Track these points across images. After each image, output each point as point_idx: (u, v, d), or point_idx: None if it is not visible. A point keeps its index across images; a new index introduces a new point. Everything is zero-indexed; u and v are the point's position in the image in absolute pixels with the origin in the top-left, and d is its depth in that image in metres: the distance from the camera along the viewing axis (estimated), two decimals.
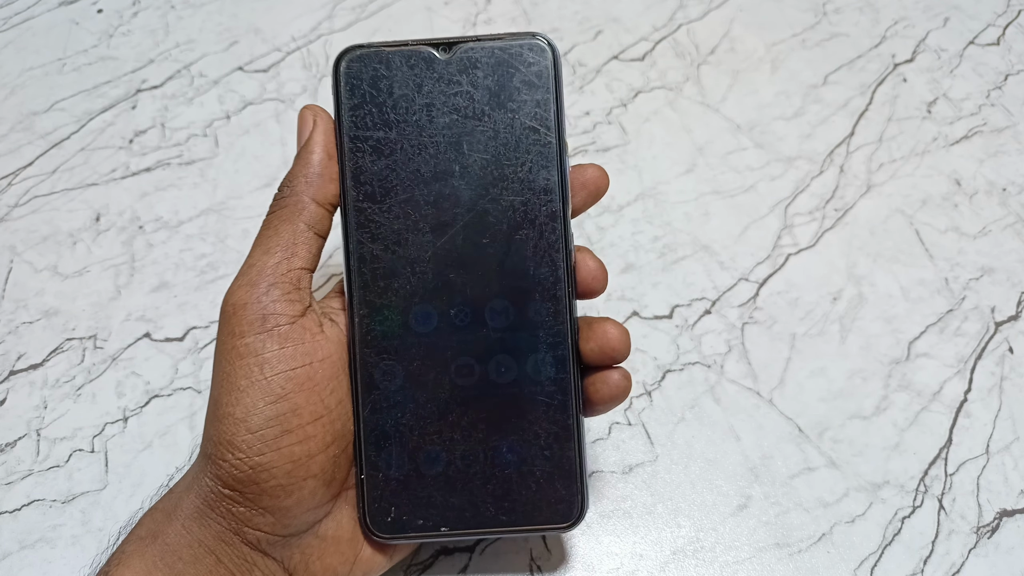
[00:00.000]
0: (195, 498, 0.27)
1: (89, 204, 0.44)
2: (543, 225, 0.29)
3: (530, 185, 0.29)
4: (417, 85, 0.29)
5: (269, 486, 0.26)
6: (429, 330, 0.29)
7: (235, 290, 0.27)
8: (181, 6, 0.52)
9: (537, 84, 0.29)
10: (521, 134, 0.29)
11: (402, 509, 0.29)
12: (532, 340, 0.29)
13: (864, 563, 0.34)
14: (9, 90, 0.48)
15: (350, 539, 0.29)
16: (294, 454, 0.26)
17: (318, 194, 0.28)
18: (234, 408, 0.26)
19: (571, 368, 0.29)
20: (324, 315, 0.29)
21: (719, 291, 0.41)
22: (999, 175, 0.46)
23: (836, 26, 0.52)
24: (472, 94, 0.29)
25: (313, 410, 0.27)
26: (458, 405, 0.29)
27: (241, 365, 0.26)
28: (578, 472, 0.29)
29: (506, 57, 0.29)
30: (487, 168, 0.29)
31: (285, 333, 0.27)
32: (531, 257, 0.29)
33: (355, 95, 0.29)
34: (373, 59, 0.29)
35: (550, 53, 0.29)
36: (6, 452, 0.37)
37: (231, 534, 0.26)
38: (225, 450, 0.26)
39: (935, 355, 0.40)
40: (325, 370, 0.28)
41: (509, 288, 0.29)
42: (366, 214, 0.29)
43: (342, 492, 0.29)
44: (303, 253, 0.28)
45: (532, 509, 0.29)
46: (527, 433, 0.29)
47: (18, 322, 0.40)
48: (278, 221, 0.28)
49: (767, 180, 0.45)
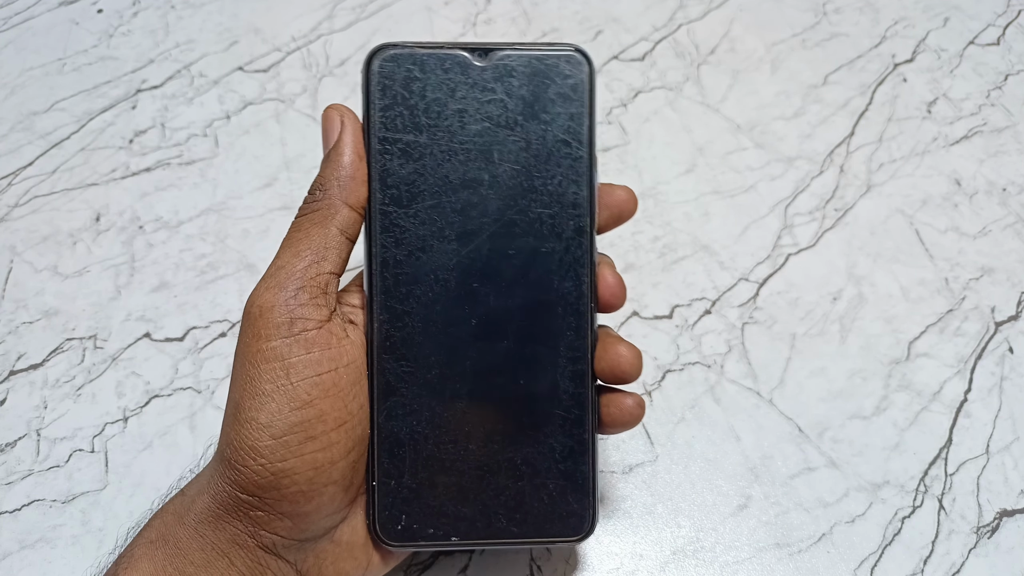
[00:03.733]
0: (210, 500, 0.26)
1: (89, 204, 0.44)
2: (569, 240, 0.28)
3: (559, 199, 0.28)
4: (451, 90, 0.28)
5: (290, 492, 0.26)
6: (449, 339, 0.28)
7: (262, 292, 0.27)
8: (181, 6, 0.52)
9: (572, 97, 0.28)
10: (553, 147, 0.28)
11: (413, 518, 0.29)
12: (552, 354, 0.28)
13: (864, 563, 0.34)
14: (9, 90, 0.48)
15: (364, 544, 0.29)
16: (317, 461, 0.26)
17: (351, 198, 0.28)
18: (258, 413, 0.26)
19: (589, 383, 0.29)
20: (345, 318, 0.28)
21: (719, 291, 0.41)
22: (999, 175, 0.46)
23: (836, 26, 0.52)
24: (506, 103, 0.28)
25: (337, 416, 0.27)
26: (474, 415, 0.29)
27: (267, 369, 0.26)
28: (591, 486, 0.29)
29: (543, 68, 0.28)
30: (517, 179, 0.28)
31: (312, 338, 0.26)
32: (556, 271, 0.28)
33: (386, 96, 0.28)
34: (407, 60, 0.28)
35: (587, 67, 0.28)
36: (6, 452, 0.37)
37: (246, 537, 0.26)
38: (247, 455, 0.26)
39: (935, 355, 0.40)
40: (350, 375, 0.27)
41: (532, 300, 0.28)
42: (391, 218, 0.28)
43: (359, 497, 0.29)
44: (333, 257, 0.28)
45: (543, 521, 0.29)
46: (542, 446, 0.29)
47: (18, 322, 0.40)
48: (309, 224, 0.28)
49: (767, 180, 0.45)
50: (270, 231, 0.43)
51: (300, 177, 0.45)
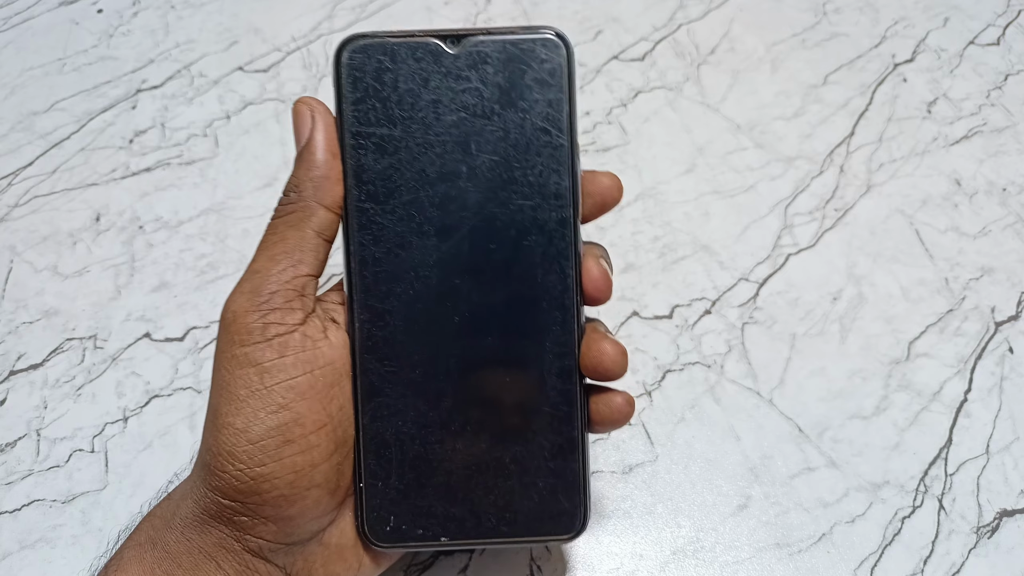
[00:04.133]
0: (194, 505, 0.26)
1: (89, 204, 0.44)
2: (552, 231, 0.28)
3: (540, 189, 0.27)
4: (423, 80, 0.27)
5: (271, 496, 0.26)
6: (432, 337, 0.28)
7: (236, 297, 0.27)
8: (181, 6, 0.52)
9: (550, 83, 0.27)
10: (532, 135, 0.27)
11: (401, 518, 0.28)
12: (538, 349, 0.28)
13: (864, 563, 0.34)
14: (9, 90, 0.48)
15: (354, 546, 0.29)
16: (296, 464, 0.26)
17: (326, 198, 0.27)
18: (234, 418, 0.26)
19: (576, 380, 0.28)
20: (327, 317, 0.28)
21: (719, 291, 0.41)
22: (999, 175, 0.46)
23: (836, 26, 0.52)
24: (481, 91, 0.27)
25: (316, 419, 0.27)
26: (461, 414, 0.28)
27: (241, 375, 0.26)
28: (581, 483, 0.28)
29: (518, 52, 0.27)
30: (496, 170, 0.27)
31: (285, 341, 0.26)
32: (539, 264, 0.28)
33: (358, 88, 0.27)
34: (377, 50, 0.27)
35: (564, 50, 0.27)
36: (6, 452, 0.37)
37: (232, 541, 0.26)
38: (225, 461, 0.25)
39: (935, 355, 0.40)
40: (327, 377, 0.27)
41: (516, 295, 0.28)
42: (368, 215, 0.28)
43: (347, 499, 0.29)
44: (309, 260, 0.27)
45: (534, 520, 0.28)
46: (531, 444, 0.28)
47: (18, 322, 0.40)
48: (284, 227, 0.27)
49: (767, 180, 0.45)
50: None
51: None
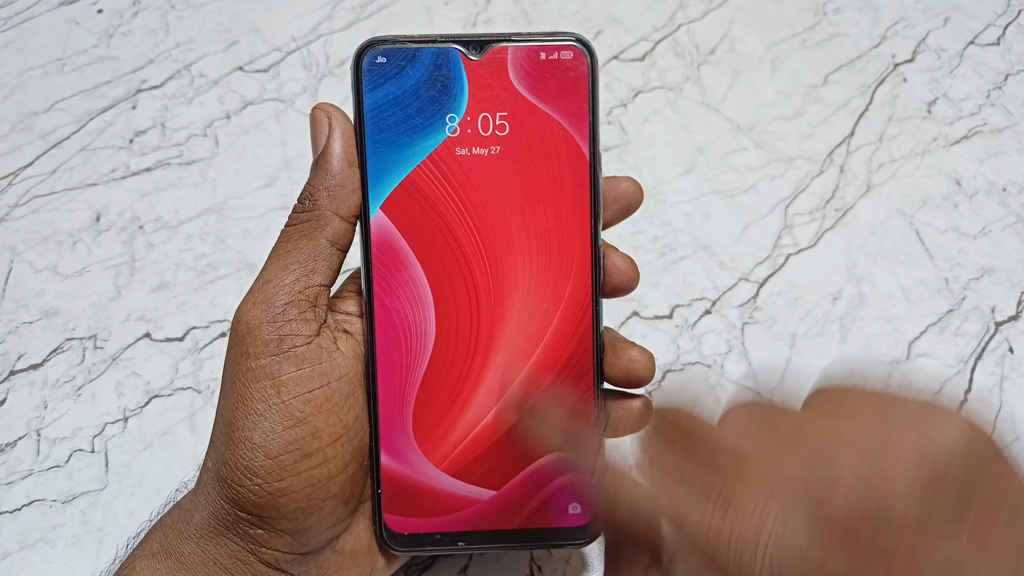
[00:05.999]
0: (208, 517, 0.26)
1: (89, 204, 0.44)
2: (574, 238, 0.28)
3: (562, 197, 0.27)
4: (444, 86, 0.27)
5: (288, 510, 0.26)
6: (449, 348, 0.28)
7: (249, 308, 0.26)
8: (181, 6, 0.52)
9: (573, 91, 0.27)
10: (554, 142, 0.27)
11: (420, 523, 0.28)
12: (557, 357, 0.28)
13: None
14: (9, 90, 0.48)
15: (367, 551, 0.29)
16: (314, 477, 0.26)
17: (341, 207, 0.27)
18: (251, 433, 0.25)
19: (596, 385, 0.28)
20: (338, 328, 0.28)
21: (719, 291, 0.41)
22: (999, 175, 0.46)
23: (836, 26, 0.52)
24: (503, 99, 0.27)
25: (332, 431, 0.26)
26: (478, 418, 0.28)
27: (257, 388, 0.26)
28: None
29: (541, 59, 0.27)
30: (517, 177, 0.27)
31: (302, 354, 0.26)
32: (560, 270, 0.28)
33: (377, 95, 0.27)
34: (398, 56, 0.27)
35: (587, 58, 0.27)
36: (6, 452, 0.37)
37: (247, 553, 0.26)
38: (243, 475, 0.25)
39: (935, 355, 0.40)
40: (342, 388, 0.27)
41: (536, 301, 0.28)
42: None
43: (360, 506, 0.29)
44: (323, 269, 0.27)
45: (549, 525, 0.28)
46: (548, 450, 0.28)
47: (18, 322, 0.40)
48: (298, 235, 0.27)
49: (767, 180, 0.45)
50: (270, 231, 0.43)
51: (300, 177, 0.45)
